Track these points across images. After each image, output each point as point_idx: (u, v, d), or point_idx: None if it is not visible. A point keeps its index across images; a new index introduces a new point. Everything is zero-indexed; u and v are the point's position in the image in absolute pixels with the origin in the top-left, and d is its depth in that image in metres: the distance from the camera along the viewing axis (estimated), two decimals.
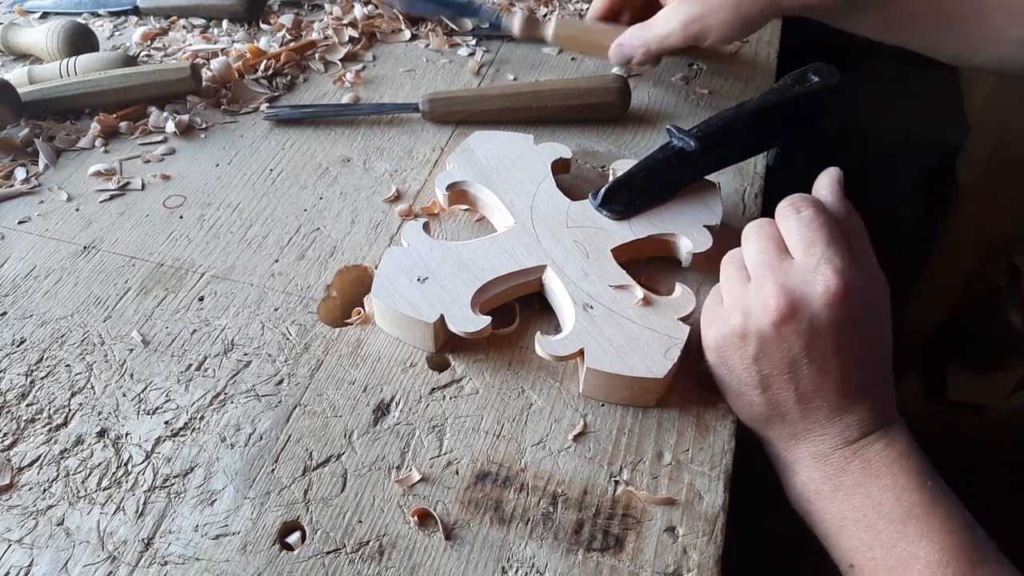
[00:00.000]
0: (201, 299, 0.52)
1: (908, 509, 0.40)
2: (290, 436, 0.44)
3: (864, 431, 0.43)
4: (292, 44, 0.77)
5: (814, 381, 0.42)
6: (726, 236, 0.55)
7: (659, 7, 0.67)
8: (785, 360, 0.42)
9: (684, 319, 0.47)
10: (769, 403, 0.44)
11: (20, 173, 0.61)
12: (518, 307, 0.51)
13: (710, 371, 0.47)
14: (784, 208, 0.45)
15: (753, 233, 0.46)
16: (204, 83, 0.71)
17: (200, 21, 0.82)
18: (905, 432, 0.43)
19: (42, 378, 0.47)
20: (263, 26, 0.81)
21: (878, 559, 0.40)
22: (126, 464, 0.43)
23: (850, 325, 0.41)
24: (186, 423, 0.45)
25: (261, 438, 0.44)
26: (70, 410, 0.45)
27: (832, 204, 0.45)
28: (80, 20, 0.78)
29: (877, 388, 0.44)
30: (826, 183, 0.47)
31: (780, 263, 0.43)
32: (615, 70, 0.73)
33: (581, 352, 0.45)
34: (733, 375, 0.45)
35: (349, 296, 0.54)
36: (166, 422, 0.45)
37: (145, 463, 0.43)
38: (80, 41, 0.72)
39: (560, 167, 0.59)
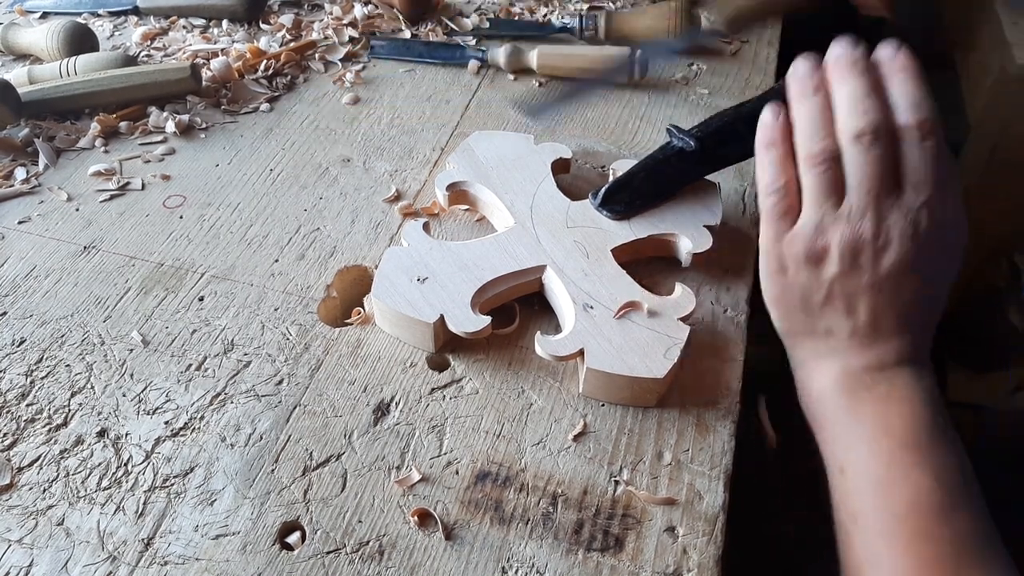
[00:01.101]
0: (201, 299, 0.52)
1: (915, 437, 0.41)
2: (290, 436, 0.44)
3: (899, 360, 0.43)
4: (292, 44, 0.77)
5: (876, 311, 0.43)
6: (726, 236, 0.55)
7: None
8: (858, 288, 0.42)
9: (684, 319, 0.47)
10: (823, 318, 0.44)
11: (20, 173, 0.61)
12: (518, 307, 0.51)
13: (760, 272, 0.46)
14: (912, 124, 0.41)
15: (865, 149, 0.41)
16: (204, 83, 0.71)
17: (200, 21, 0.82)
18: (932, 373, 0.44)
19: (42, 378, 0.47)
20: (263, 26, 0.81)
21: (871, 471, 0.42)
22: (126, 464, 0.43)
23: (929, 269, 0.42)
24: (186, 423, 0.45)
25: (261, 438, 0.44)
26: (70, 410, 0.45)
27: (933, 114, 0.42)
28: (80, 20, 0.79)
29: (926, 328, 0.44)
30: (914, 82, 0.42)
31: (888, 195, 0.41)
32: None
33: (581, 352, 0.45)
34: (797, 289, 0.44)
35: (349, 296, 0.54)
36: (166, 422, 0.45)
37: (145, 463, 0.43)
38: (80, 41, 0.72)
39: (560, 167, 0.59)
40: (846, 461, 0.43)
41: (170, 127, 0.66)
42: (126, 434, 0.44)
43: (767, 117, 0.45)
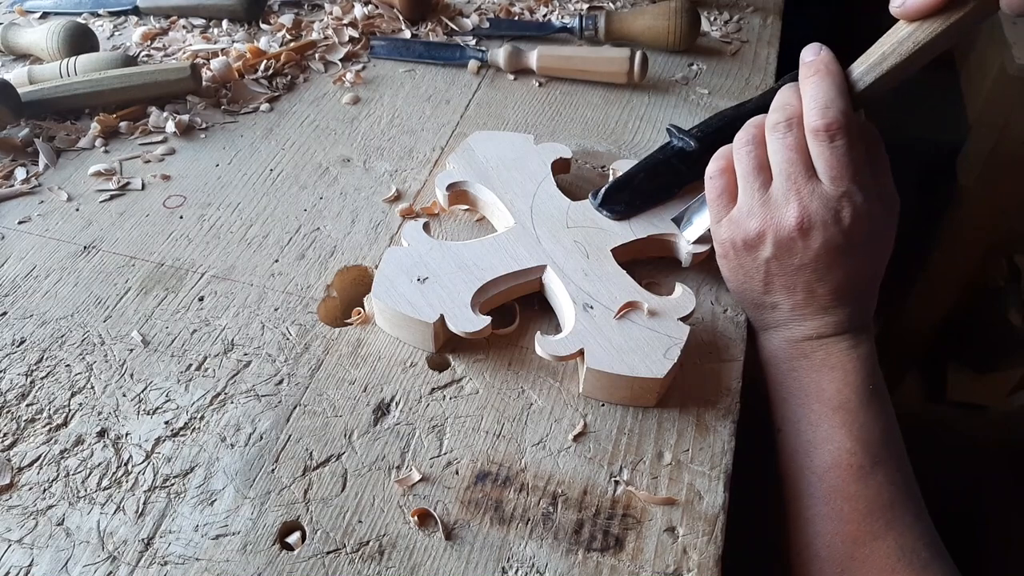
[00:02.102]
0: (201, 299, 0.52)
1: (843, 401, 0.45)
2: (290, 436, 0.44)
3: (837, 331, 0.47)
4: (292, 44, 0.77)
5: (812, 287, 0.46)
6: None
7: None
8: (792, 267, 0.46)
9: (684, 319, 0.47)
10: (766, 295, 0.48)
11: (20, 173, 0.61)
12: (518, 307, 0.51)
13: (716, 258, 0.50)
14: (815, 129, 0.44)
15: (782, 138, 0.46)
16: (204, 83, 0.71)
17: (200, 21, 0.82)
18: (871, 340, 0.48)
19: (42, 378, 0.47)
20: (263, 26, 0.81)
21: (801, 432, 0.46)
22: (126, 464, 0.43)
23: (858, 249, 0.45)
24: (186, 423, 0.45)
25: (261, 438, 0.44)
26: (70, 410, 0.45)
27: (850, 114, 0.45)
28: (80, 20, 0.78)
29: (864, 297, 0.48)
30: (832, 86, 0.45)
31: (807, 183, 0.45)
32: None
33: (581, 352, 0.45)
34: (740, 270, 0.49)
35: (349, 296, 0.54)
36: (166, 422, 0.45)
37: (145, 463, 0.43)
38: (80, 41, 0.72)
39: (560, 167, 0.59)
40: (782, 421, 0.48)
41: (170, 127, 0.66)
42: (126, 434, 0.44)
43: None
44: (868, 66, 0.46)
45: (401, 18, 0.81)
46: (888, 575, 0.41)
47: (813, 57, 0.46)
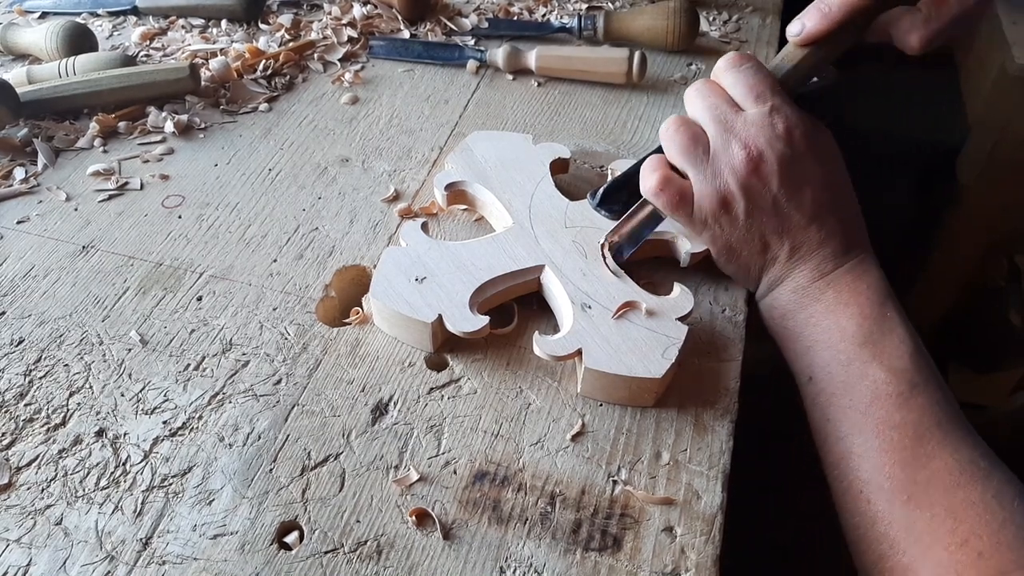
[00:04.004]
0: (199, 299, 0.52)
1: (867, 335, 0.46)
2: (288, 436, 0.44)
3: (837, 262, 0.48)
4: (291, 44, 0.77)
5: (792, 218, 0.48)
6: None
7: None
8: (769, 203, 0.47)
9: (682, 319, 0.47)
10: (761, 252, 0.49)
11: (19, 173, 0.61)
12: (516, 307, 0.51)
13: (709, 245, 0.51)
14: (722, 64, 0.49)
15: (697, 93, 0.49)
16: (203, 83, 0.71)
17: (199, 21, 0.82)
18: (875, 264, 0.49)
19: (40, 378, 0.47)
20: (262, 26, 0.81)
21: (834, 375, 0.46)
22: (124, 464, 0.43)
23: (811, 156, 0.47)
24: (184, 423, 0.45)
25: (259, 438, 0.44)
26: (68, 410, 0.45)
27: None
28: (79, 20, 0.78)
29: (849, 220, 0.49)
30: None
31: (736, 116, 0.47)
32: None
33: (579, 352, 0.45)
34: (732, 238, 0.49)
35: (347, 296, 0.54)
36: (164, 422, 0.45)
37: (143, 463, 0.43)
38: (79, 41, 0.72)
39: (559, 167, 0.59)
40: (812, 368, 0.47)
41: (169, 127, 0.66)
42: (124, 434, 0.44)
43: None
44: (773, 67, 0.50)
45: (400, 18, 0.81)
46: (953, 490, 0.41)
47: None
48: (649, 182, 0.49)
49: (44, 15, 0.83)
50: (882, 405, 0.44)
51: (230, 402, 0.46)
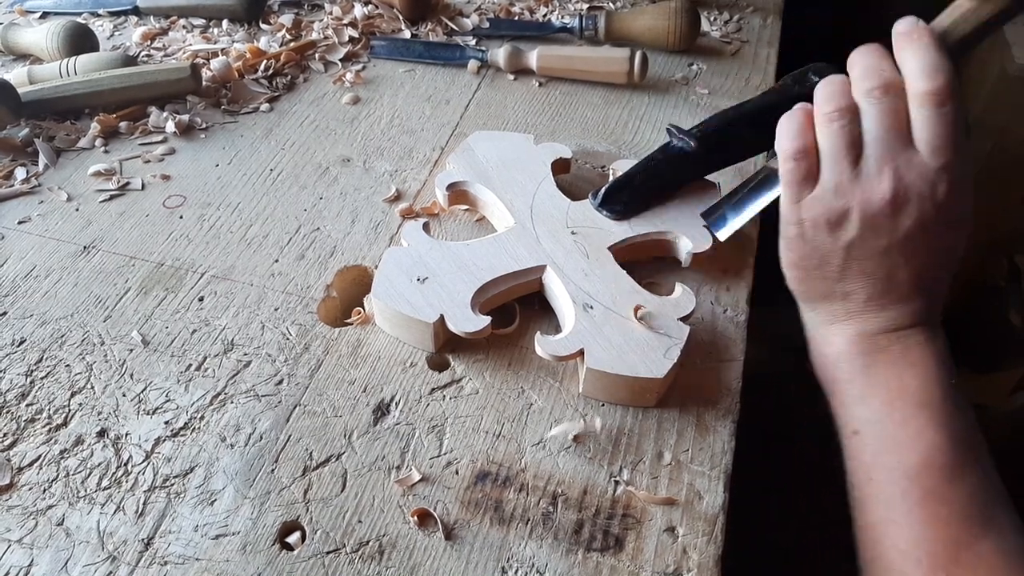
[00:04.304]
0: (201, 299, 0.52)
1: (928, 397, 0.42)
2: (290, 436, 0.44)
3: (914, 322, 0.44)
4: (292, 44, 0.77)
5: (893, 272, 0.43)
6: None
7: None
8: (877, 249, 0.43)
9: (684, 319, 0.47)
10: (840, 282, 0.45)
11: (20, 173, 0.61)
12: (518, 307, 0.51)
13: (780, 239, 0.47)
14: (925, 92, 0.41)
15: (877, 102, 0.42)
16: (204, 83, 0.71)
17: (200, 21, 0.82)
18: (943, 335, 0.45)
19: (42, 378, 0.47)
20: (263, 26, 0.81)
21: (886, 431, 0.43)
22: (126, 464, 0.43)
23: (945, 230, 0.43)
24: (186, 423, 0.45)
25: (261, 438, 0.44)
26: (70, 410, 0.45)
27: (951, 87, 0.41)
28: (80, 20, 0.78)
29: (937, 292, 0.45)
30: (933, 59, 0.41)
31: (903, 152, 0.41)
32: None
33: (581, 352, 0.45)
34: (816, 253, 0.45)
35: (349, 296, 0.54)
36: (166, 422, 0.45)
37: (145, 463, 0.43)
38: (80, 41, 0.72)
39: (560, 167, 0.59)
40: (861, 421, 0.44)
41: (170, 127, 0.66)
42: (126, 434, 0.44)
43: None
44: (948, 26, 0.43)
45: (401, 18, 0.81)
46: None
47: (909, 27, 0.42)
48: (788, 143, 0.44)
49: (45, 15, 0.83)
50: (933, 474, 0.41)
51: (232, 402, 0.46)
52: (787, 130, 0.45)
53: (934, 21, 0.44)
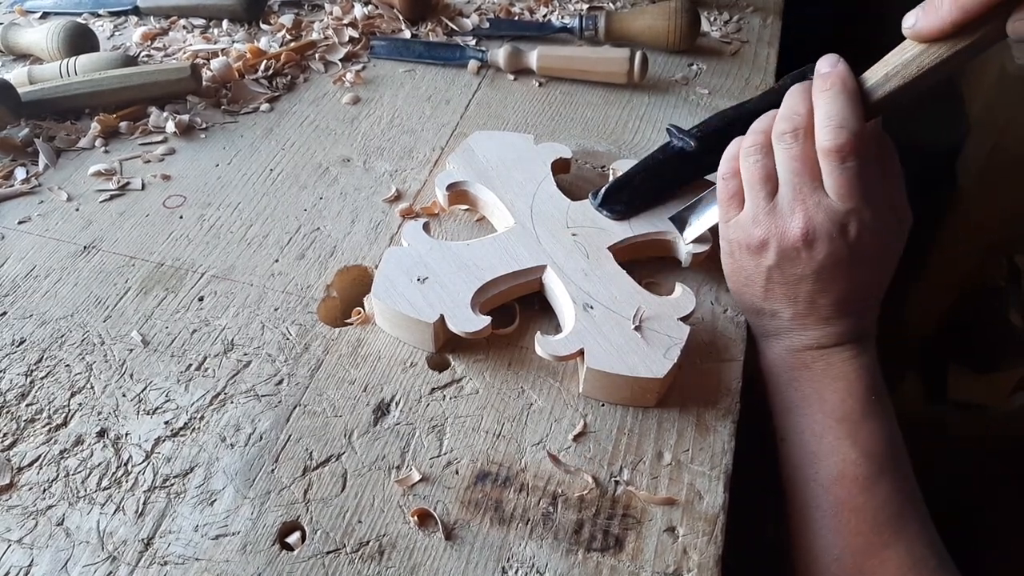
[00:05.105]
0: (201, 299, 0.52)
1: (847, 412, 0.45)
2: (290, 436, 0.44)
3: (838, 341, 0.47)
4: (292, 44, 0.77)
5: (814, 298, 0.46)
6: None
7: None
8: (794, 277, 0.46)
9: (684, 319, 0.47)
10: (766, 300, 0.48)
11: (20, 173, 0.61)
12: (518, 307, 0.51)
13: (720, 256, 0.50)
14: (828, 149, 0.43)
15: (788, 147, 0.44)
16: (204, 83, 0.71)
17: (200, 21, 0.82)
18: (872, 350, 0.47)
19: (42, 378, 0.47)
20: (263, 26, 0.81)
21: (805, 443, 0.46)
22: (126, 464, 0.43)
23: (862, 264, 0.45)
24: (186, 423, 0.45)
25: (261, 438, 0.44)
26: (70, 410, 0.45)
27: (861, 128, 0.43)
28: (80, 20, 0.78)
29: (866, 309, 0.48)
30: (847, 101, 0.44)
31: (812, 195, 0.44)
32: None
33: (581, 352, 0.45)
34: (742, 272, 0.48)
35: (349, 296, 0.54)
36: (166, 422, 0.45)
37: (145, 463, 0.43)
38: (80, 41, 0.72)
39: (560, 167, 0.59)
40: (786, 430, 0.47)
41: (170, 127, 0.66)
42: (126, 434, 0.44)
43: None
44: (878, 80, 0.45)
45: (401, 18, 0.81)
46: None
47: (829, 69, 0.45)
48: (724, 164, 0.48)
49: (45, 15, 0.83)
50: (846, 485, 0.43)
51: (232, 402, 0.46)
52: (728, 151, 0.48)
53: (866, 72, 0.45)
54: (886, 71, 0.44)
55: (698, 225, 0.52)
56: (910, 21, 0.42)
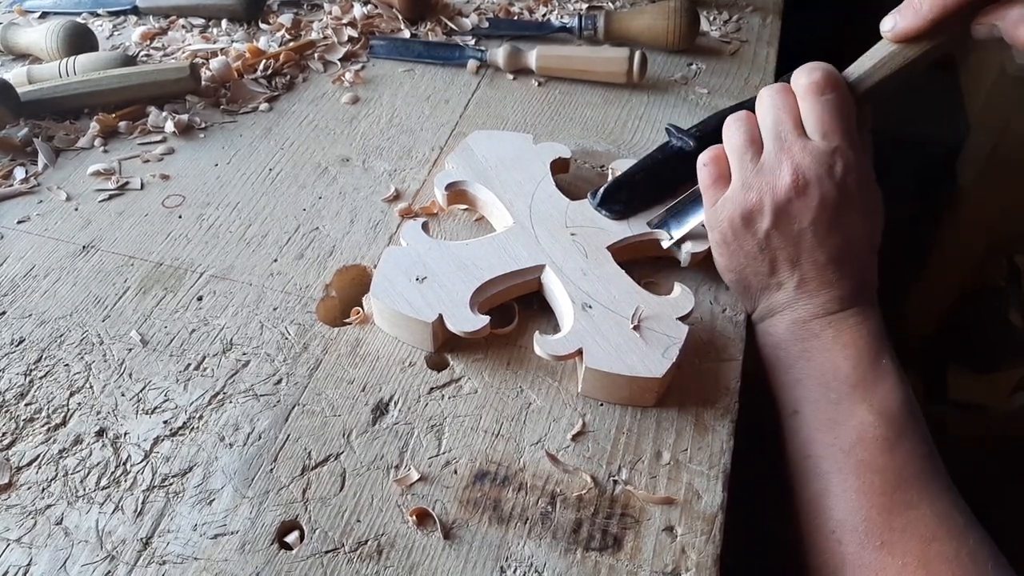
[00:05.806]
0: (200, 299, 0.52)
1: (860, 376, 0.46)
2: (289, 435, 0.44)
3: (844, 306, 0.47)
4: (291, 44, 0.77)
5: (814, 255, 0.47)
6: None
7: None
8: (793, 233, 0.46)
9: (683, 319, 0.47)
10: (772, 275, 0.48)
11: (19, 173, 0.61)
12: (517, 307, 0.51)
13: (712, 251, 0.51)
14: (806, 85, 0.46)
15: (770, 100, 0.47)
16: (203, 83, 0.71)
17: (199, 21, 0.82)
18: (878, 315, 0.48)
19: (41, 377, 0.47)
20: (262, 26, 0.81)
21: (821, 411, 0.46)
22: (125, 463, 0.43)
23: (851, 206, 0.46)
24: (185, 422, 0.45)
25: (260, 437, 0.44)
26: (69, 409, 0.45)
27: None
28: (79, 20, 0.78)
29: (864, 270, 0.48)
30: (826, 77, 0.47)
31: (797, 141, 0.46)
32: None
33: (580, 352, 0.45)
34: (741, 251, 0.48)
35: (348, 296, 0.54)
36: (165, 421, 0.45)
37: (144, 462, 0.43)
38: (79, 41, 0.72)
39: (559, 167, 0.59)
40: (800, 402, 0.47)
41: (169, 127, 0.66)
42: (125, 433, 0.44)
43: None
44: (859, 75, 0.48)
45: (400, 18, 0.81)
46: (929, 542, 0.40)
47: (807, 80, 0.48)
48: (706, 155, 0.50)
49: (44, 15, 0.83)
50: (867, 447, 0.44)
51: (231, 402, 0.46)
52: (706, 150, 0.50)
53: (850, 67, 0.48)
54: (873, 63, 0.47)
55: (678, 231, 0.52)
56: (888, 25, 0.45)
